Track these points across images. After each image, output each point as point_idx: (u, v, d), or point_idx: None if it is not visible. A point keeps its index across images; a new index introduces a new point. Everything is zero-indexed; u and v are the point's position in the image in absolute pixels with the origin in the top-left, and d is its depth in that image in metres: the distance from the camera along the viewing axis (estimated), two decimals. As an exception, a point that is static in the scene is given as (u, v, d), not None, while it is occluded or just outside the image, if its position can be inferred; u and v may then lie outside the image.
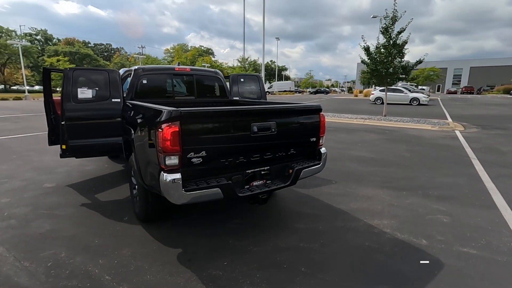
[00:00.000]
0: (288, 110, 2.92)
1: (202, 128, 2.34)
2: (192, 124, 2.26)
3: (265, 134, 2.65)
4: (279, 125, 2.76)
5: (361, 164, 5.76)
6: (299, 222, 3.28)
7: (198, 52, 70.61)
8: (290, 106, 2.92)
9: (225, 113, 2.46)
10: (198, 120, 2.30)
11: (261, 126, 2.60)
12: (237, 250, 2.70)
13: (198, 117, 2.29)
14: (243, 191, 2.62)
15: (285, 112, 2.89)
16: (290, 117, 2.95)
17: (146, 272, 2.35)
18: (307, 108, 3.06)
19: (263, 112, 2.69)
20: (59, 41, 72.38)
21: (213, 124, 2.39)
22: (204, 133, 2.35)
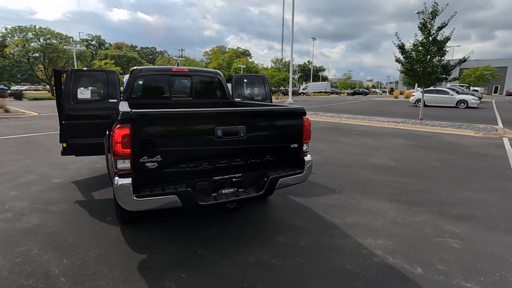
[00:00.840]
0: (261, 113, 2.68)
1: (157, 131, 2.21)
2: (145, 126, 2.15)
3: (232, 139, 2.44)
4: (250, 130, 2.53)
5: (376, 172, 5.24)
6: (281, 235, 3.01)
7: (235, 54, 71.93)
8: (263, 109, 2.69)
9: (182, 115, 2.31)
10: (151, 123, 2.18)
11: (226, 130, 2.40)
12: (203, 261, 2.53)
13: (151, 119, 2.17)
14: (208, 199, 2.45)
15: (257, 116, 2.65)
16: (263, 121, 2.70)
17: (101, 277, 2.29)
18: (285, 111, 2.79)
19: (229, 116, 2.48)
20: (110, 46, 78.79)
21: (169, 127, 2.25)
22: (159, 136, 2.22)
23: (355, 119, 13.46)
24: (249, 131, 2.52)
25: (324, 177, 4.96)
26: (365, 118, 13.61)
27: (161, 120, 2.22)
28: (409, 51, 11.74)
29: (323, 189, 4.39)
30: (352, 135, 9.48)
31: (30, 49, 48.69)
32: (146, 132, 2.16)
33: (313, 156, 6.20)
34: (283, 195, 4.12)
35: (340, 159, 6.18)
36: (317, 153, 6.75)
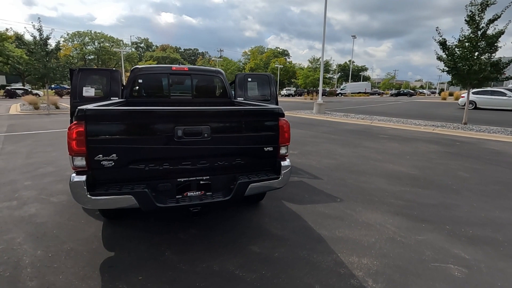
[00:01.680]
0: (227, 113, 2.50)
1: (111, 129, 2.17)
2: (100, 124, 2.12)
3: (195, 140, 2.32)
4: (215, 130, 2.38)
5: (390, 181, 4.74)
6: (257, 243, 2.81)
7: (273, 54, 71.88)
8: (229, 109, 2.51)
9: (138, 113, 2.24)
10: (105, 120, 2.14)
11: (188, 130, 2.28)
12: (165, 264, 2.45)
13: (106, 116, 2.14)
14: (170, 201, 2.36)
15: (223, 116, 2.49)
16: (231, 122, 2.53)
17: (63, 272, 2.33)
18: (258, 111, 2.59)
19: (191, 115, 2.35)
20: (157, 47, 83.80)
21: (124, 125, 2.20)
22: (114, 134, 2.18)
23: (389, 121, 12.52)
24: (215, 132, 2.37)
25: (330, 183, 4.61)
26: (400, 121, 12.58)
27: (115, 118, 2.18)
28: (452, 48, 10.56)
29: (323, 196, 4.07)
30: (379, 139, 8.79)
31: (86, 52, 53.67)
32: (101, 129, 2.13)
33: (325, 160, 5.92)
34: (278, 199, 3.90)
35: (355, 165, 5.73)
36: (332, 157, 6.35)
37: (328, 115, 14.87)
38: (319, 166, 5.63)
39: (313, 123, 12.70)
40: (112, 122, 2.17)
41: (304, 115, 15.69)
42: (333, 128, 11.15)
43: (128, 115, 2.22)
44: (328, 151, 6.92)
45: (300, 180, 4.75)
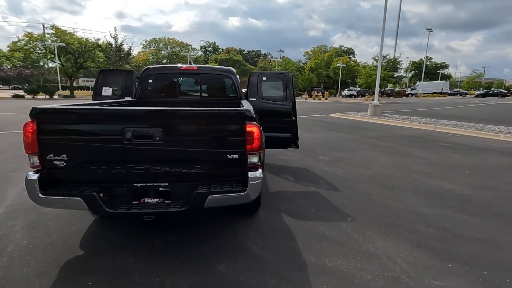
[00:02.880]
0: (181, 115, 2.22)
1: (61, 129, 2.12)
2: (50, 123, 2.09)
3: (145, 143, 2.12)
4: (168, 134, 2.15)
5: (430, 201, 3.86)
6: (227, 262, 2.49)
7: (336, 53, 68.76)
8: (183, 110, 2.23)
9: (85, 113, 2.13)
10: (55, 120, 2.10)
11: (138, 132, 2.10)
12: (121, 272, 2.33)
13: (56, 116, 2.10)
14: (122, 207, 2.21)
15: (176, 118, 2.22)
16: (186, 124, 2.25)
17: (29, 265, 2.39)
18: (218, 113, 2.27)
19: (140, 116, 2.15)
20: (222, 50, 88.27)
21: (73, 124, 2.13)
22: (63, 134, 2.13)
23: (458, 127, 10.58)
24: (168, 135, 2.14)
25: (348, 197, 3.97)
26: (474, 127, 10.53)
27: (64, 117, 2.13)
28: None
29: (333, 212, 3.50)
30: (437, 147, 7.44)
31: (160, 56, 59.51)
32: (51, 129, 2.11)
33: (356, 170, 5.20)
34: (278, 212, 3.49)
35: (391, 178, 4.87)
36: (366, 166, 5.55)
37: (384, 118, 13.35)
38: (345, 176, 4.95)
39: (363, 126, 11.54)
40: (62, 121, 2.14)
41: (355, 117, 14.42)
42: (383, 132, 9.91)
43: (75, 114, 2.16)
44: (365, 159, 6.09)
45: (315, 191, 4.22)
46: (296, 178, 4.85)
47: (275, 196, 4.02)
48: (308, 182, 4.63)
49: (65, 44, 34.68)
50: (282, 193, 4.14)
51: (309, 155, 6.40)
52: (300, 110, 19.65)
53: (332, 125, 11.82)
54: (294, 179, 4.78)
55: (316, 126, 11.39)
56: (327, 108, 22.15)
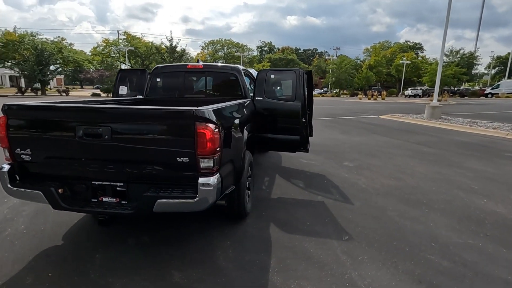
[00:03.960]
0: (127, 113, 2.09)
1: (25, 124, 2.21)
2: (16, 119, 2.19)
3: (96, 142, 2.08)
4: (117, 133, 2.07)
5: (460, 225, 3.14)
6: (185, 271, 2.33)
7: (400, 49, 62.98)
8: (129, 109, 2.09)
9: (44, 109, 2.17)
10: (20, 115, 2.19)
11: (87, 130, 2.07)
12: (83, 267, 2.35)
13: (19, 112, 2.19)
14: (77, 204, 2.23)
15: (122, 116, 2.11)
16: (134, 124, 2.12)
17: (13, 250, 2.57)
18: (163, 113, 2.10)
19: (90, 114, 2.09)
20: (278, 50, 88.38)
21: (34, 121, 2.20)
22: (27, 129, 2.21)
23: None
24: (116, 134, 2.07)
25: (357, 212, 3.47)
26: None
27: (26, 113, 2.21)
28: None
29: (330, 228, 3.08)
30: (498, 158, 6.14)
31: (217, 57, 62.23)
32: (17, 124, 2.21)
33: (382, 180, 4.61)
34: (268, 221, 3.21)
35: (422, 192, 4.13)
36: (396, 176, 4.84)
37: (442, 121, 11.63)
38: (365, 186, 4.37)
39: (413, 129, 10.22)
40: (24, 117, 2.23)
41: (409, 119, 12.87)
42: (436, 137, 8.60)
43: (36, 110, 2.23)
44: (398, 168, 5.32)
45: (320, 201, 3.79)
46: (307, 184, 4.45)
47: (274, 203, 3.72)
48: (318, 190, 4.20)
49: (134, 48, 38.70)
50: (283, 201, 3.82)
51: (335, 160, 5.86)
52: (347, 111, 18.51)
53: (377, 127, 10.75)
54: (304, 186, 4.39)
55: (358, 128, 10.49)
56: (379, 109, 20.36)
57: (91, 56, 43.67)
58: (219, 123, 2.19)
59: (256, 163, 5.53)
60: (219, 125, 2.16)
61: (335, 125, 11.18)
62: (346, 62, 50.23)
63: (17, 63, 37.38)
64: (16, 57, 37.18)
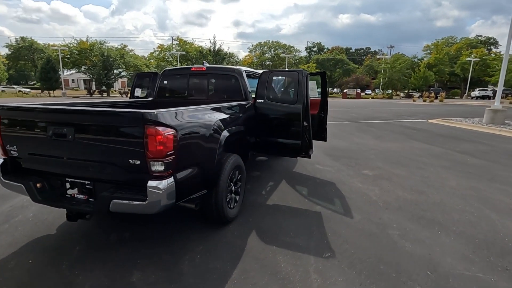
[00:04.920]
0: (88, 114, 2.15)
1: (12, 123, 2.43)
2: (5, 118, 2.43)
3: (62, 141, 2.20)
4: (78, 133, 2.16)
5: (475, 254, 2.64)
6: (146, 271, 2.35)
7: (468, 45, 56.09)
8: (87, 109, 2.14)
9: (24, 110, 2.36)
10: (8, 115, 2.41)
11: (55, 130, 2.20)
12: (58, 259, 2.52)
13: (8, 112, 2.41)
14: (50, 199, 2.39)
15: (84, 117, 2.17)
16: (90, 124, 2.18)
17: (6, 235, 2.89)
18: (115, 114, 2.12)
19: (55, 114, 2.20)
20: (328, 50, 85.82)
21: (19, 120, 2.41)
22: (14, 127, 2.43)
23: None
24: (78, 134, 2.16)
25: (353, 227, 3.15)
26: None
27: (12, 113, 2.43)
28: None
29: (314, 242, 2.83)
30: None
31: (263, 59, 62.86)
32: (6, 123, 2.44)
33: (398, 192, 4.29)
34: (251, 228, 3.09)
35: (442, 210, 3.58)
36: (420, 189, 4.29)
37: (505, 128, 9.97)
38: (376, 198, 3.94)
39: (463, 136, 8.97)
40: (12, 116, 2.46)
41: (463, 124, 11.33)
42: (488, 147, 7.41)
43: (18, 111, 2.44)
44: (425, 180, 4.70)
45: (317, 212, 3.53)
46: (311, 192, 4.18)
47: (266, 210, 3.57)
48: (320, 199, 3.91)
49: (185, 52, 41.19)
50: (277, 208, 3.64)
51: (354, 167, 5.42)
52: (393, 113, 17.09)
53: (418, 133, 9.69)
54: (307, 193, 4.13)
55: (396, 133, 9.58)
56: (432, 112, 18.37)
57: (147, 61, 47.66)
58: (176, 126, 2.16)
59: (267, 167, 5.40)
60: (175, 128, 2.13)
61: (371, 129, 10.37)
62: (401, 61, 46.44)
63: (87, 68, 42.59)
64: (87, 63, 42.41)
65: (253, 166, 5.35)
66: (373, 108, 21.65)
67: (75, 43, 42.67)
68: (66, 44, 42.20)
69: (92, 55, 41.62)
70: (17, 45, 55.65)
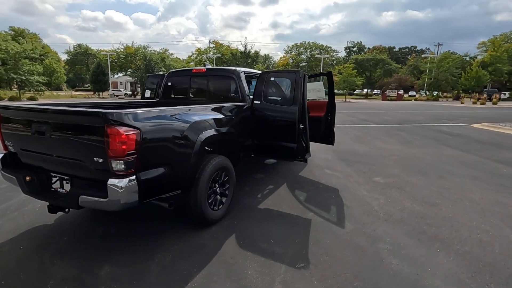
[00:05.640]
0: (57, 113, 2.27)
1: (8, 121, 2.65)
2: (4, 116, 2.68)
3: (42, 138, 2.36)
4: (54, 131, 2.29)
5: (473, 279, 2.30)
6: (110, 274, 2.43)
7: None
8: (57, 109, 2.25)
9: (14, 109, 2.56)
10: (5, 113, 2.64)
11: (37, 127, 2.36)
12: (43, 249, 2.72)
13: (5, 111, 2.64)
14: (35, 192, 2.57)
15: (56, 116, 2.29)
16: (62, 124, 2.30)
17: (7, 219, 3.18)
18: (78, 113, 2.23)
19: (34, 113, 2.36)
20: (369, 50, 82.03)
21: (13, 118, 2.61)
22: (10, 124, 2.64)
23: None
24: (54, 132, 2.30)
25: (341, 239, 2.94)
26: None
27: (7, 112, 2.65)
28: None
29: (292, 250, 2.69)
30: None
31: (299, 60, 62.11)
32: (4, 120, 2.69)
33: (410, 204, 4.20)
34: (231, 232, 3.03)
35: (451, 226, 3.19)
36: (433, 202, 3.90)
37: None
38: (377, 208, 3.64)
39: (507, 144, 7.93)
40: (7, 115, 2.69)
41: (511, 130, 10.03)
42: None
43: (12, 110, 2.65)
44: (443, 192, 4.23)
45: (308, 219, 3.36)
46: (309, 198, 4.00)
47: (255, 214, 3.49)
48: (316, 206, 3.72)
49: (220, 55, 42.32)
50: (267, 213, 3.54)
51: (365, 173, 5.08)
52: (432, 117, 15.77)
53: (454, 138, 8.79)
54: (304, 199, 3.96)
55: (428, 138, 8.80)
56: (478, 115, 16.57)
57: (186, 63, 49.85)
58: (141, 126, 2.20)
59: (273, 170, 5.29)
60: (139, 128, 2.17)
61: (400, 133, 9.65)
62: (449, 59, 42.69)
63: (132, 71, 45.83)
64: (132, 66, 45.66)
65: (258, 169, 5.28)
66: (411, 111, 20.18)
67: (122, 48, 46.20)
68: (114, 50, 45.89)
69: (136, 59, 44.69)
70: (74, 51, 61.90)
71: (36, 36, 54.79)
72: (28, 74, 26.57)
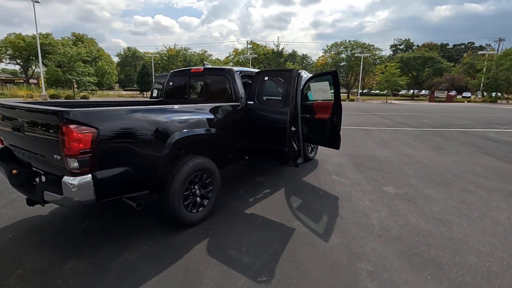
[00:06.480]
0: (22, 110, 2.38)
1: (1, 118, 2.86)
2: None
3: (19, 134, 2.50)
4: (26, 127, 2.41)
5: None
6: (73, 269, 2.49)
7: None
8: (21, 107, 2.35)
9: (2, 107, 2.73)
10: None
11: (14, 124, 2.51)
12: (30, 240, 2.89)
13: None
14: (21, 185, 2.71)
15: (23, 113, 2.39)
16: (29, 121, 2.38)
17: (7, 208, 3.44)
18: (36, 111, 2.26)
19: (10, 110, 2.48)
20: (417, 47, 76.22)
21: (2, 115, 2.80)
22: (2, 121, 2.84)
23: None
24: (26, 129, 2.42)
25: (320, 253, 2.69)
26: None
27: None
28: None
29: (262, 261, 2.52)
30: None
31: (338, 60, 59.95)
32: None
33: (416, 220, 4.03)
34: (206, 237, 2.95)
35: (456, 250, 2.74)
36: (445, 218, 3.43)
37: None
38: (375, 222, 3.28)
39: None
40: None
41: None
42: None
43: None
44: (460, 207, 3.68)
45: (292, 229, 3.14)
46: (302, 206, 3.75)
47: (238, 219, 3.35)
48: (307, 215, 3.47)
49: (257, 55, 42.59)
50: (251, 218, 3.38)
51: (376, 182, 4.65)
52: (480, 121, 14.24)
53: (499, 146, 7.68)
54: (296, 206, 3.72)
55: (466, 144, 7.82)
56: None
57: (224, 64, 51.11)
58: (99, 125, 2.20)
59: (276, 173, 5.09)
60: (96, 127, 2.18)
61: (434, 139, 8.72)
62: (510, 57, 37.79)
63: (173, 72, 48.30)
64: (173, 67, 48.05)
65: (260, 171, 5.12)
66: (459, 114, 18.22)
67: (165, 50, 48.88)
68: (158, 52, 48.73)
69: (177, 60, 46.97)
70: (124, 54, 67.02)
71: (93, 41, 60.31)
72: (81, 75, 29.32)
